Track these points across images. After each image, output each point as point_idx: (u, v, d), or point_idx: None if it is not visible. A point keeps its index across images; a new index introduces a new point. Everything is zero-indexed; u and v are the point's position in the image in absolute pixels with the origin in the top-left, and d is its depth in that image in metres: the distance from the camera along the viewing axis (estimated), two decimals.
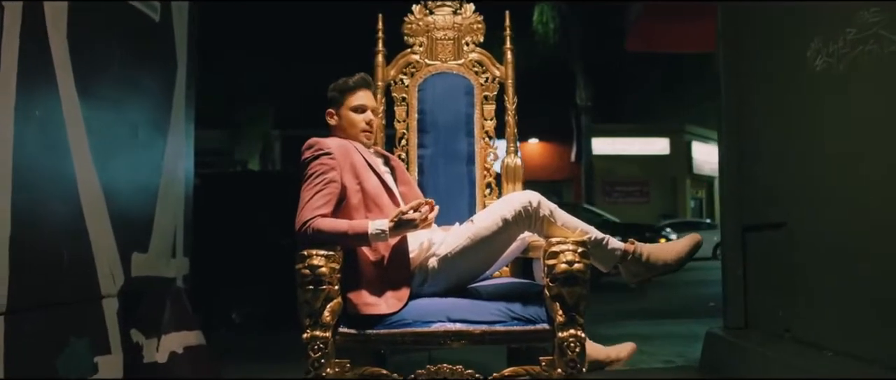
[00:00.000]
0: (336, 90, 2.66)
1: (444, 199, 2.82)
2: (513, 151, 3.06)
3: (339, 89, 2.65)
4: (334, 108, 2.66)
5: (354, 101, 2.64)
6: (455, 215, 2.83)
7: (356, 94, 2.64)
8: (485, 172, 3.06)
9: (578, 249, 2.21)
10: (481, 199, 3.03)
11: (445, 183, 3.00)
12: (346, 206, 2.46)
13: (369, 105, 2.66)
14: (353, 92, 2.64)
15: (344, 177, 2.47)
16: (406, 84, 3.13)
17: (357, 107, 2.63)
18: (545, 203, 2.43)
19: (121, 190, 3.44)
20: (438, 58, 3.15)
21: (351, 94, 2.64)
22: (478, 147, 3.07)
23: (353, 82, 2.64)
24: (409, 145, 3.07)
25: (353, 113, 2.63)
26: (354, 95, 2.64)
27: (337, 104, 2.66)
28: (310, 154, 2.50)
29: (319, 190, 2.41)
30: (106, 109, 3.33)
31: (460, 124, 3.07)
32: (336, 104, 2.66)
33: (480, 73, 3.13)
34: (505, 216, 2.40)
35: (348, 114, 2.63)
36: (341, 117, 2.65)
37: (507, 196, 2.52)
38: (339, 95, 2.65)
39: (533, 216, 2.40)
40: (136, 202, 3.61)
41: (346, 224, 2.35)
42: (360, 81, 2.66)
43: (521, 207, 2.39)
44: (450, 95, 3.10)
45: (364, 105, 2.64)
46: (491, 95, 3.11)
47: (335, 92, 2.66)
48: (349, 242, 2.31)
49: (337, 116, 2.66)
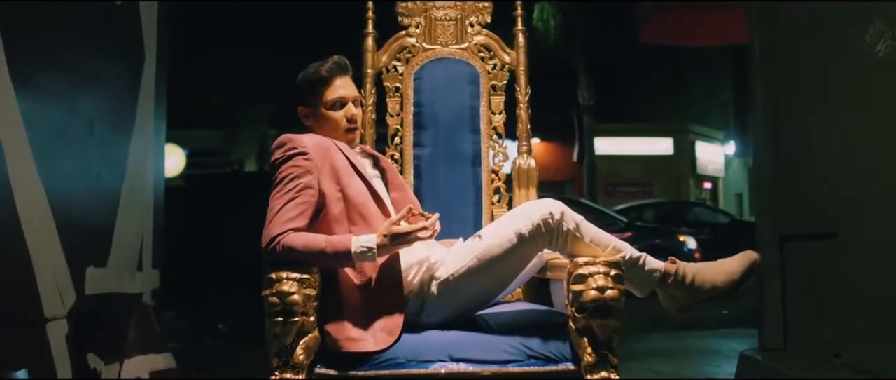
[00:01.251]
0: (306, 83, 2.20)
1: (444, 207, 2.41)
2: (526, 150, 2.61)
3: (311, 82, 2.19)
4: (308, 106, 2.22)
5: (331, 94, 2.18)
6: (458, 227, 2.40)
7: (331, 85, 2.18)
8: (493, 175, 2.61)
9: (611, 271, 1.84)
10: (488, 207, 2.58)
11: (447, 188, 2.56)
12: (326, 217, 2.03)
13: (349, 96, 2.20)
14: (327, 84, 2.18)
15: (322, 182, 2.03)
16: (400, 72, 2.67)
17: (335, 102, 2.18)
18: (569, 215, 1.98)
19: (71, 196, 2.99)
20: (438, 41, 2.69)
21: (325, 86, 2.18)
22: (484, 146, 2.62)
23: (325, 71, 2.18)
24: (403, 144, 2.63)
25: (332, 111, 2.18)
26: (330, 86, 2.18)
27: (310, 101, 2.21)
28: (280, 154, 2.06)
29: (292, 198, 1.98)
30: (51, 103, 2.89)
31: (464, 119, 2.63)
32: (309, 101, 2.21)
33: (487, 60, 2.68)
34: (520, 231, 1.96)
35: (326, 113, 2.19)
36: (319, 117, 2.20)
37: (522, 206, 2.07)
38: (311, 89, 2.20)
39: (555, 231, 1.95)
40: (91, 209, 3.17)
41: (325, 240, 1.92)
42: (333, 68, 2.19)
43: (541, 219, 1.95)
44: (451, 85, 2.65)
45: (343, 97, 2.19)
46: (500, 85, 2.66)
47: (306, 85, 2.21)
48: (328, 263, 1.95)
49: (313, 117, 2.21)
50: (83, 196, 3.11)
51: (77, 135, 3.09)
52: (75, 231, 3.02)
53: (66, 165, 2.98)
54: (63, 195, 2.93)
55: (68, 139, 3.01)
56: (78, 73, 3.07)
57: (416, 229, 1.94)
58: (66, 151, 2.99)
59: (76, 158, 3.07)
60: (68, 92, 3.01)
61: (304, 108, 2.21)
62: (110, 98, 3.36)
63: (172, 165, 18.04)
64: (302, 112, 2.22)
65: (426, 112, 2.63)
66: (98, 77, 3.25)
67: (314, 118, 2.20)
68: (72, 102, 3.03)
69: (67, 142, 3.01)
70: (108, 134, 3.34)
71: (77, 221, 3.04)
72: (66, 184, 2.97)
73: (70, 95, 3.02)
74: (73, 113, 3.05)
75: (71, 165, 3.02)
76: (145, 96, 3.72)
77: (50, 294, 2.84)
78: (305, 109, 2.21)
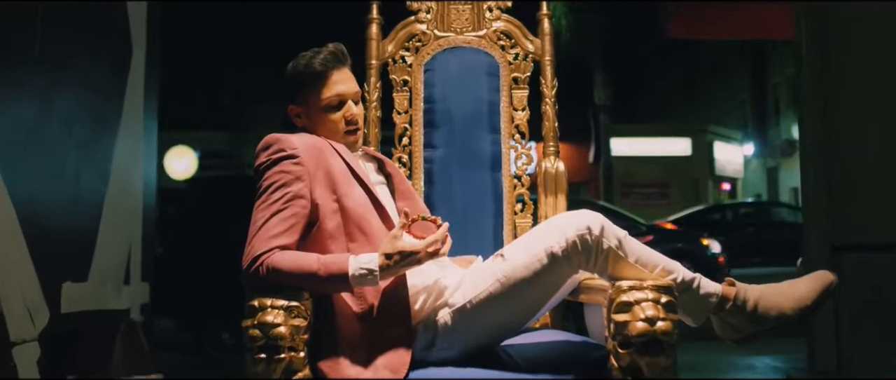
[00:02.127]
0: (298, 78, 1.84)
1: (460, 218, 2.09)
2: (553, 151, 2.28)
3: (302, 76, 1.82)
4: (300, 104, 1.87)
5: (327, 91, 1.82)
6: (475, 242, 2.08)
7: (328, 80, 1.82)
8: (515, 181, 2.28)
9: (662, 298, 1.54)
10: (510, 218, 2.25)
11: (462, 196, 2.23)
12: (319, 233, 1.72)
13: (348, 92, 1.85)
14: (323, 78, 1.82)
15: (315, 190, 1.71)
16: (409, 63, 2.35)
17: (331, 101, 1.82)
18: (610, 229, 1.66)
19: (44, 203, 2.69)
20: (452, 28, 2.36)
21: (320, 82, 1.82)
22: (505, 147, 2.29)
23: (320, 63, 1.81)
24: (412, 145, 2.30)
25: (329, 111, 1.84)
26: (325, 82, 1.82)
27: (302, 98, 1.86)
28: (265, 158, 1.74)
29: (279, 211, 1.66)
30: (20, 100, 2.57)
31: (482, 116, 2.30)
32: (301, 98, 1.86)
33: (508, 49, 2.35)
34: (552, 249, 1.63)
35: (322, 115, 1.84)
36: (313, 118, 1.86)
37: (553, 219, 1.74)
38: (303, 85, 1.84)
39: (593, 249, 1.63)
40: (67, 218, 2.86)
41: (317, 260, 1.62)
42: (328, 60, 1.82)
43: (577, 235, 1.62)
44: (467, 78, 2.33)
45: (341, 95, 1.83)
46: (523, 78, 2.33)
47: (295, 80, 1.84)
48: (321, 287, 1.64)
49: (306, 117, 1.87)
50: (58, 203, 2.81)
51: (51, 135, 2.79)
52: (49, 242, 2.71)
53: (37, 168, 2.67)
54: (34, 202, 2.63)
55: (40, 140, 2.71)
56: (52, 67, 2.77)
57: (426, 245, 1.62)
58: (37, 153, 2.68)
59: (50, 161, 2.76)
60: (40, 88, 2.71)
61: (294, 106, 1.87)
62: (91, 95, 3.06)
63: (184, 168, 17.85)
64: (292, 111, 1.88)
65: (438, 108, 2.30)
66: (76, 73, 2.95)
67: (307, 118, 1.86)
68: (44, 100, 2.73)
69: (39, 143, 2.70)
70: (88, 135, 3.04)
71: (51, 231, 2.74)
72: (38, 190, 2.67)
73: (42, 92, 2.71)
74: (47, 111, 2.75)
75: (43, 169, 2.72)
76: (133, 94, 3.42)
77: (17, 314, 2.53)
78: (297, 108, 1.87)
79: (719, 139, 24.05)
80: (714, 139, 23.83)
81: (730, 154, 24.20)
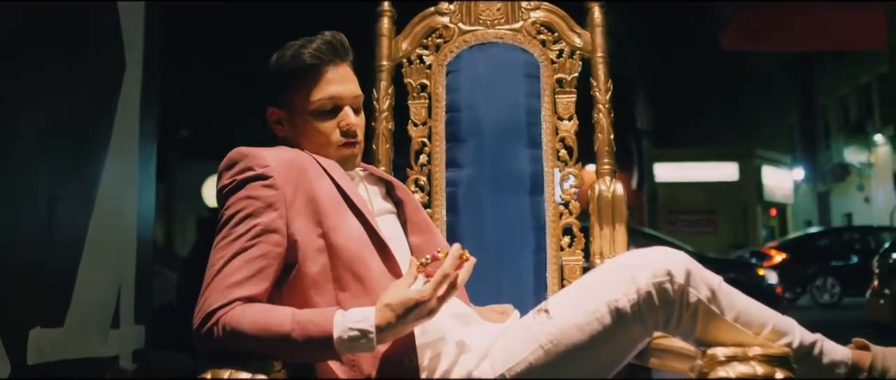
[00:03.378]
0: (280, 72, 1.39)
1: (492, 256, 1.65)
2: (608, 171, 1.80)
3: (287, 71, 1.38)
4: (282, 107, 1.42)
5: (318, 92, 1.37)
6: (512, 286, 1.63)
7: (321, 77, 1.37)
8: (561, 208, 1.81)
9: (777, 374, 1.14)
10: (556, 254, 1.77)
11: (495, 228, 1.77)
12: (298, 279, 1.28)
13: (346, 95, 1.40)
14: (314, 74, 1.37)
15: (294, 222, 1.27)
16: (428, 64, 1.91)
17: (323, 104, 1.38)
18: (700, 275, 1.19)
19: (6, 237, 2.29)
20: (481, 20, 1.92)
21: (311, 78, 1.37)
22: (548, 165, 1.82)
23: (310, 54, 1.36)
24: (432, 164, 1.85)
25: (320, 118, 1.39)
26: (318, 80, 1.37)
27: (286, 100, 1.40)
28: (229, 180, 1.31)
29: (243, 249, 1.23)
30: None
31: (518, 127, 1.84)
32: (284, 100, 1.41)
33: (551, 44, 1.90)
34: (617, 304, 1.17)
35: (310, 123, 1.39)
36: (298, 127, 1.41)
37: (619, 261, 1.27)
38: (286, 81, 1.39)
39: (676, 303, 1.16)
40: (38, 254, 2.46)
41: (292, 317, 1.19)
42: (323, 50, 1.37)
43: (653, 284, 1.16)
44: (500, 80, 1.88)
45: (337, 97, 1.38)
46: (569, 79, 1.87)
47: (279, 75, 1.39)
48: (299, 353, 1.22)
49: (290, 124, 1.42)
50: (23, 236, 2.41)
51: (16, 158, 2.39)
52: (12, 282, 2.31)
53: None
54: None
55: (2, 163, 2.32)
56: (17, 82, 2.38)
57: (435, 286, 1.16)
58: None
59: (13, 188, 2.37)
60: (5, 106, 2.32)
61: (276, 109, 1.43)
62: (70, 114, 2.67)
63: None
64: (272, 116, 1.43)
65: (465, 118, 1.85)
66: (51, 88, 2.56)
67: (291, 125, 1.42)
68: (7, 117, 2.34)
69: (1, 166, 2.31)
70: (66, 159, 2.64)
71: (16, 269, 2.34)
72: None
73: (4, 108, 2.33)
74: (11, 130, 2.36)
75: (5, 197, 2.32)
76: (125, 114, 3.03)
77: None
78: (278, 112, 1.42)
79: (767, 164, 23.28)
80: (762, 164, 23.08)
81: (779, 179, 23.38)
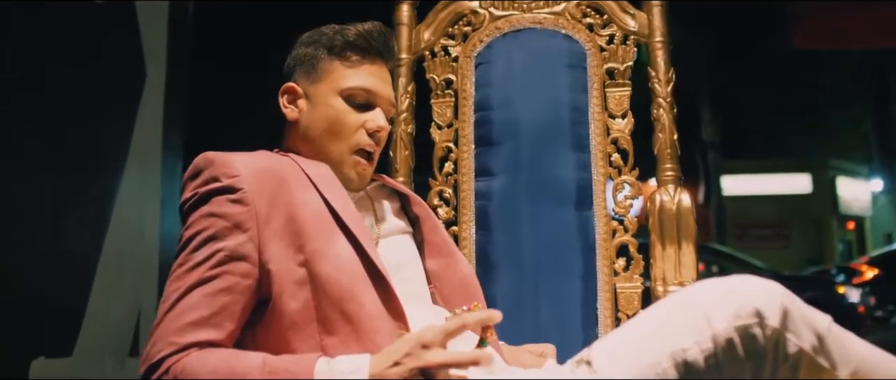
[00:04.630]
0: (317, 41, 1.16)
1: (530, 281, 1.36)
2: (672, 178, 1.49)
3: (327, 42, 1.15)
4: (303, 82, 1.16)
5: (353, 77, 1.14)
6: (553, 320, 1.32)
7: (360, 64, 1.15)
8: (615, 224, 1.50)
9: None
10: (608, 280, 1.46)
11: (534, 248, 1.47)
12: (273, 318, 1.04)
13: (382, 94, 1.16)
14: (352, 58, 1.15)
15: (268, 247, 1.01)
16: (454, 56, 1.63)
17: (355, 92, 1.14)
18: (800, 315, 0.88)
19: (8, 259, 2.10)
20: (516, 3, 1.63)
21: (347, 61, 1.15)
22: (598, 172, 1.51)
23: (357, 36, 1.15)
24: (459, 172, 1.56)
25: (346, 107, 1.14)
26: (356, 64, 1.15)
27: (311, 75, 1.16)
28: (191, 193, 1.05)
29: (202, 281, 0.99)
30: None
31: (561, 127, 1.54)
32: (309, 75, 1.16)
33: (599, 29, 1.60)
34: (684, 354, 0.88)
35: (333, 108, 1.14)
36: (316, 110, 1.15)
37: (689, 292, 0.97)
38: (318, 55, 1.15)
39: (767, 353, 0.86)
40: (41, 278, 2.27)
41: (262, 365, 0.92)
42: (373, 39, 1.15)
43: (734, 328, 0.87)
44: (539, 72, 1.58)
45: (372, 91, 1.15)
46: (621, 69, 1.57)
47: (310, 48, 1.16)
48: None
49: (306, 101, 1.16)
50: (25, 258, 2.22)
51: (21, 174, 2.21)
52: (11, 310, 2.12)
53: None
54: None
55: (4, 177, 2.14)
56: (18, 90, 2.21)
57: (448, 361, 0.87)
58: None
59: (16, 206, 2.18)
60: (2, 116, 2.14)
61: (295, 86, 1.16)
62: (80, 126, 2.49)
63: None
64: (289, 91, 1.17)
65: (497, 118, 1.56)
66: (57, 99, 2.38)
67: (310, 107, 1.14)
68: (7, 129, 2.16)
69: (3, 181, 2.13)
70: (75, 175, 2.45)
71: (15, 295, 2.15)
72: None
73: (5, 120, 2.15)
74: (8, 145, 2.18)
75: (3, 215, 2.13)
76: (146, 125, 2.84)
77: None
78: (298, 87, 1.16)
79: (843, 175, 22.31)
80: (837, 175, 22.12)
81: (855, 191, 22.36)
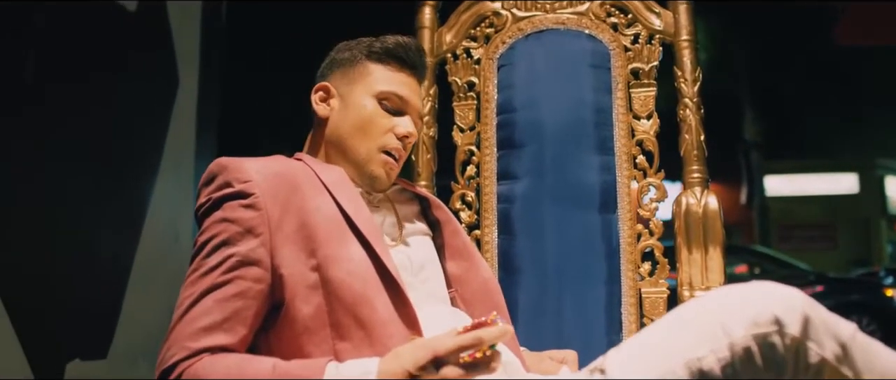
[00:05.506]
0: (357, 47, 1.20)
1: (553, 286, 1.35)
2: (699, 180, 1.46)
3: (367, 48, 1.19)
4: (337, 81, 1.19)
5: (390, 83, 1.17)
6: (577, 325, 1.31)
7: (397, 72, 1.18)
8: (640, 227, 1.47)
9: None
10: (633, 284, 1.43)
11: (557, 252, 1.45)
12: (286, 323, 1.04)
13: (414, 102, 1.18)
14: (390, 65, 1.18)
15: (280, 251, 1.01)
16: (476, 58, 1.62)
17: (390, 97, 1.16)
18: (823, 323, 0.84)
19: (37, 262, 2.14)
20: (538, 4, 1.61)
21: (385, 67, 1.18)
22: (623, 175, 1.49)
23: (396, 46, 1.19)
24: (481, 176, 1.55)
25: (379, 110, 1.16)
26: (393, 71, 1.18)
27: (347, 77, 1.18)
28: (205, 198, 1.06)
29: (215, 286, 1.00)
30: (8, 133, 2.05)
31: (585, 129, 1.52)
32: (345, 77, 1.19)
33: (623, 28, 1.57)
34: (700, 363, 0.88)
35: (367, 104, 1.16)
36: (348, 111, 1.17)
37: (707, 299, 0.94)
38: (356, 58, 1.19)
39: (787, 363, 0.84)
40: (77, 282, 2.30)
41: (271, 369, 0.94)
42: (410, 51, 1.19)
43: (752, 336, 0.84)
44: (562, 73, 1.56)
45: (407, 100, 1.18)
46: (647, 69, 1.54)
47: (349, 52, 1.20)
48: None
49: (338, 100, 1.18)
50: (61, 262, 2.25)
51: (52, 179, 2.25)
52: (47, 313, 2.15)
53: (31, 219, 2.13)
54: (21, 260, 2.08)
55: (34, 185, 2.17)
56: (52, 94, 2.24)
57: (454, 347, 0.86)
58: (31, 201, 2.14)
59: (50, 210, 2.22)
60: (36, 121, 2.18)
61: (330, 86, 1.19)
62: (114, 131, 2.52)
63: None
64: (322, 90, 1.19)
65: (520, 120, 1.55)
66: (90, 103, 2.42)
67: (342, 106, 1.17)
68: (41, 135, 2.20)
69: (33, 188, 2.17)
70: (109, 180, 2.49)
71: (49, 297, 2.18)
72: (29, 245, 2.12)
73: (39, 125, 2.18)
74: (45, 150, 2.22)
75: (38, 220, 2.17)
76: (179, 132, 2.87)
77: None
78: (332, 89, 1.18)
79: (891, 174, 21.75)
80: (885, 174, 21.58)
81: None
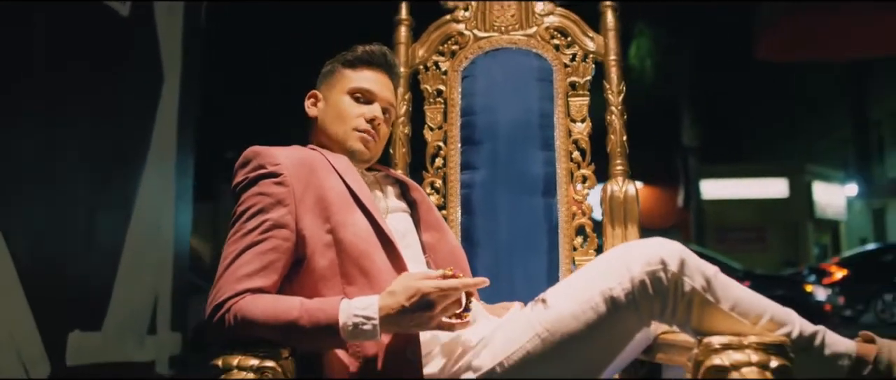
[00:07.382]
0: (333, 63, 1.57)
1: (505, 255, 1.71)
2: (621, 171, 1.82)
3: (339, 61, 1.56)
4: (322, 88, 1.57)
5: (357, 80, 1.52)
6: (524, 286, 1.68)
7: (363, 72, 1.53)
8: (575, 209, 1.83)
9: (772, 362, 1.11)
10: (568, 255, 1.80)
11: (508, 228, 1.80)
12: (307, 273, 1.34)
13: (380, 94, 1.54)
14: (358, 68, 1.53)
15: (303, 218, 1.33)
16: (443, 70, 1.96)
17: (359, 91, 1.52)
18: (695, 264, 1.20)
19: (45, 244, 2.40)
20: (495, 27, 1.97)
21: (355, 70, 1.53)
22: (562, 167, 1.85)
23: (364, 52, 1.54)
24: (447, 167, 1.89)
25: (350, 99, 1.52)
26: (360, 72, 1.53)
27: (328, 83, 1.55)
28: (242, 177, 1.38)
29: (254, 243, 1.30)
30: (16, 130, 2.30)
31: (532, 130, 1.88)
32: (327, 84, 1.56)
33: (564, 49, 1.93)
34: (611, 293, 1.19)
35: (340, 104, 1.51)
36: (329, 107, 1.53)
37: (615, 251, 1.29)
38: (333, 68, 1.56)
39: (670, 292, 1.18)
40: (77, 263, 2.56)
41: (300, 306, 1.24)
42: (374, 55, 1.55)
43: (646, 273, 1.18)
44: (514, 85, 1.92)
45: (371, 91, 1.52)
46: (582, 83, 1.90)
47: (331, 65, 1.57)
48: (305, 340, 1.25)
49: (324, 102, 1.54)
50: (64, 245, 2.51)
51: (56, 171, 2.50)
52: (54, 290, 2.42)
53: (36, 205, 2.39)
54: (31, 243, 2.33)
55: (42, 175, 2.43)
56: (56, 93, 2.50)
57: (449, 293, 1.20)
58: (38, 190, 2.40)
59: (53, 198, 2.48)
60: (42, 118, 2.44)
61: (318, 93, 1.56)
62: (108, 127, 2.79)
63: None
64: (312, 98, 1.56)
65: (480, 122, 1.89)
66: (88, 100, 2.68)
67: (326, 105, 1.53)
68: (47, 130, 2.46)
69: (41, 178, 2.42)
70: (104, 171, 2.75)
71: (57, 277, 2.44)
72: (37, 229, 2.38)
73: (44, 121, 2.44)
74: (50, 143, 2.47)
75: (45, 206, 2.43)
76: (163, 126, 3.14)
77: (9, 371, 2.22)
78: (318, 95, 1.55)
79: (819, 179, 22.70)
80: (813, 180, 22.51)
81: (831, 195, 22.76)
